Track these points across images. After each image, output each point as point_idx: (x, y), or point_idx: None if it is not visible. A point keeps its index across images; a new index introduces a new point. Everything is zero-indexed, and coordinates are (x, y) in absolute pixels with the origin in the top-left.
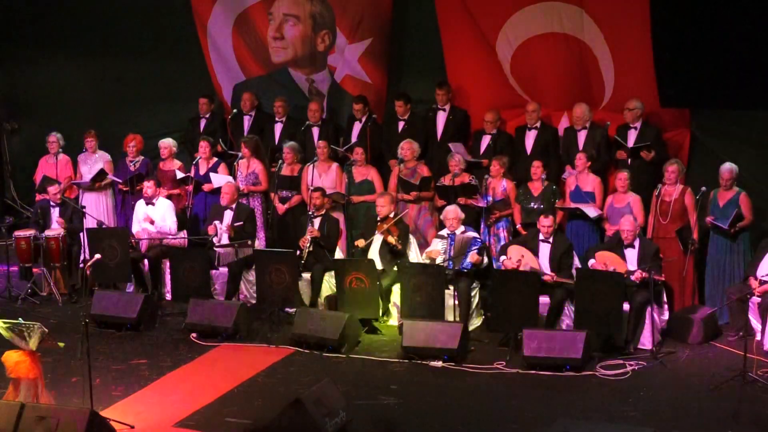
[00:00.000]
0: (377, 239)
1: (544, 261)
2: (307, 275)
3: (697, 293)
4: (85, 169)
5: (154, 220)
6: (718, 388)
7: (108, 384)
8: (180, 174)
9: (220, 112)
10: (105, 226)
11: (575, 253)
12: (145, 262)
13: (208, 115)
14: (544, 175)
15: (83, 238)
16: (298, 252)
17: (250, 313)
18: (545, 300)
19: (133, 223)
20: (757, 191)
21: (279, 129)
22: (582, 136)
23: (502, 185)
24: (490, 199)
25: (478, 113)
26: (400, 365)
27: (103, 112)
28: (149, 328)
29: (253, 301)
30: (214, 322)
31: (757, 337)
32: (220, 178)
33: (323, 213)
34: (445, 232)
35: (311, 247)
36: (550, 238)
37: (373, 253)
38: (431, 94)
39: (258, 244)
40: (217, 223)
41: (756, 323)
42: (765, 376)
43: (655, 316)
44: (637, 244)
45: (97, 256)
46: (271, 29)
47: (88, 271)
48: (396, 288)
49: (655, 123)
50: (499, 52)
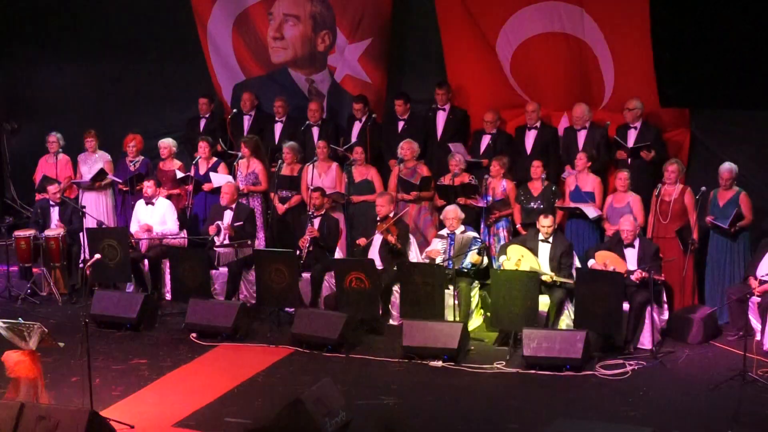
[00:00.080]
0: (377, 239)
1: (544, 261)
2: (307, 275)
3: (696, 293)
4: (85, 169)
5: (151, 227)
6: (718, 388)
7: (108, 384)
8: (180, 174)
9: (219, 112)
10: (105, 226)
11: (575, 253)
12: (145, 262)
13: (207, 115)
14: (544, 175)
15: (83, 238)
16: (298, 252)
17: (250, 313)
18: (545, 300)
19: (132, 222)
20: (757, 191)
21: (279, 129)
22: (582, 136)
23: (501, 185)
24: (490, 199)
25: (478, 113)
26: (400, 365)
27: (103, 112)
28: (149, 328)
29: (253, 301)
30: (214, 322)
31: (757, 336)
32: (220, 178)
33: (323, 213)
34: (445, 232)
35: (311, 247)
36: (550, 238)
37: (373, 253)
38: (431, 94)
39: (258, 244)
40: (220, 222)
41: (756, 323)
42: (765, 376)
43: (655, 316)
44: (637, 244)
45: (97, 256)
46: (271, 29)
47: (88, 271)
48: (396, 288)
49: (655, 123)
50: (499, 52)
